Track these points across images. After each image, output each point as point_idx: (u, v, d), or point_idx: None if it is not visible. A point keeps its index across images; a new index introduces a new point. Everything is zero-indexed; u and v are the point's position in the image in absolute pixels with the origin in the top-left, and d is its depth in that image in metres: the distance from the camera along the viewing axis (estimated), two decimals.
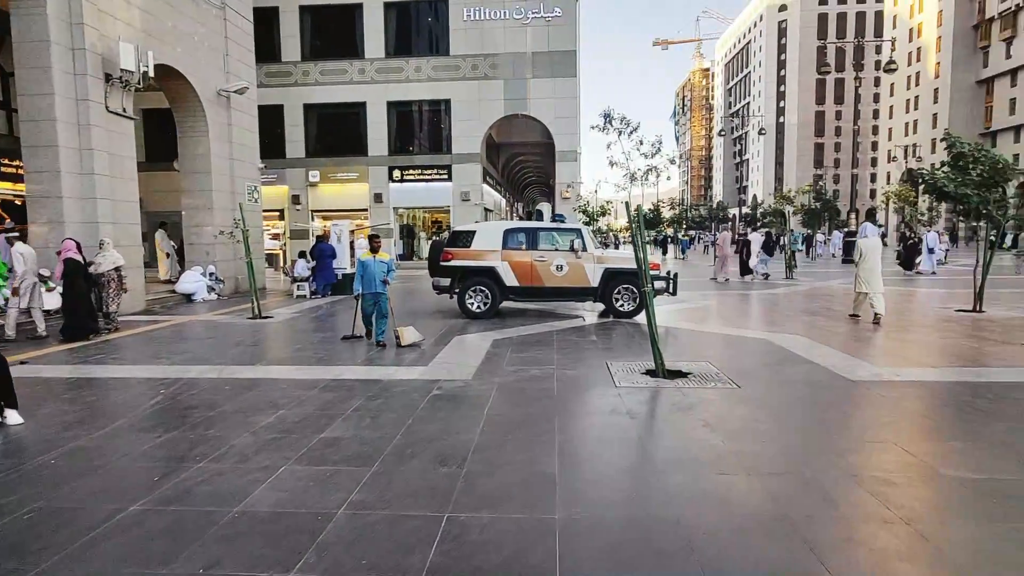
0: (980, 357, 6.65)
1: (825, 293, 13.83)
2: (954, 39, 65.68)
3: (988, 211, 9.44)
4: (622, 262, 10.19)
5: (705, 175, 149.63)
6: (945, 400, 5.00)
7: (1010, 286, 14.52)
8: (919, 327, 8.85)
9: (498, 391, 5.43)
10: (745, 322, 9.86)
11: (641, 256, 6.16)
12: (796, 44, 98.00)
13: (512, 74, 24.86)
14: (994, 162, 9.59)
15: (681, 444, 4.05)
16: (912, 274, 18.93)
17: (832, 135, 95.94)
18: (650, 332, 5.99)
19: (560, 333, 8.59)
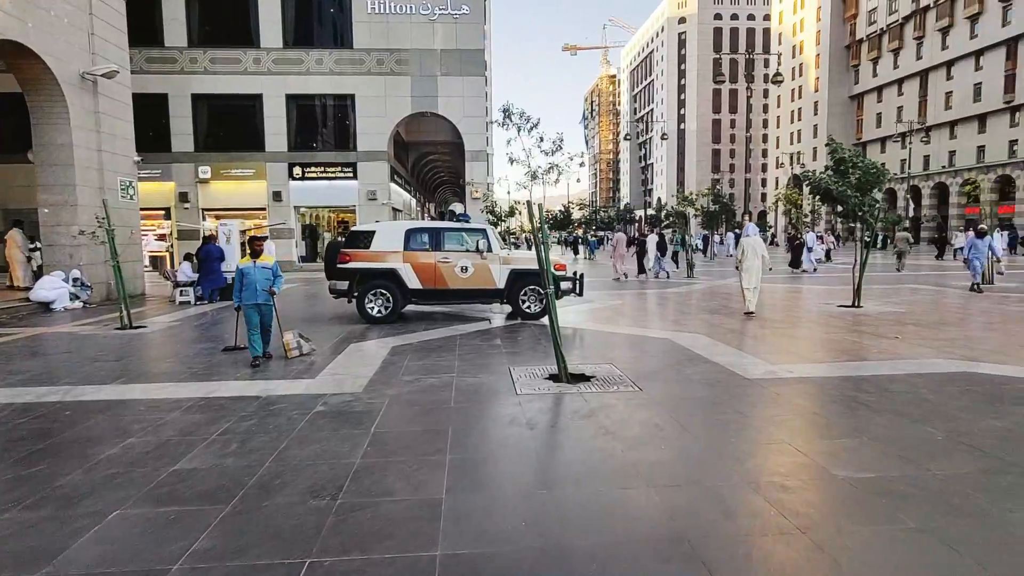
0: (860, 351, 7.00)
1: (723, 292, 14.40)
2: (830, 57, 71.93)
3: (863, 213, 10.11)
4: (529, 263, 9.97)
5: (613, 178, 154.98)
6: (832, 395, 5.12)
7: (889, 283, 15.80)
8: (807, 323, 9.29)
9: (390, 405, 4.99)
10: (649, 321, 9.97)
11: (543, 256, 5.94)
12: (695, 55, 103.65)
13: (420, 71, 24.24)
14: (869, 167, 10.28)
15: (581, 456, 3.82)
16: (799, 272, 20.28)
17: (728, 142, 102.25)
18: (552, 336, 5.78)
19: (464, 337, 8.24)
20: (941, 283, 15.69)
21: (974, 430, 4.15)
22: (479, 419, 4.60)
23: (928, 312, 10.26)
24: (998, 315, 9.82)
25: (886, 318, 9.51)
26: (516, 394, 5.26)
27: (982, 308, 10.70)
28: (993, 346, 7.17)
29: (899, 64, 63.36)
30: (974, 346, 7.16)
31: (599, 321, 9.83)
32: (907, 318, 9.49)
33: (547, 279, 5.93)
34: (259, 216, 24.30)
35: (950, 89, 57.57)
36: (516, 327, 9.15)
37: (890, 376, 5.68)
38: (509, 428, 4.37)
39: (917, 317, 9.62)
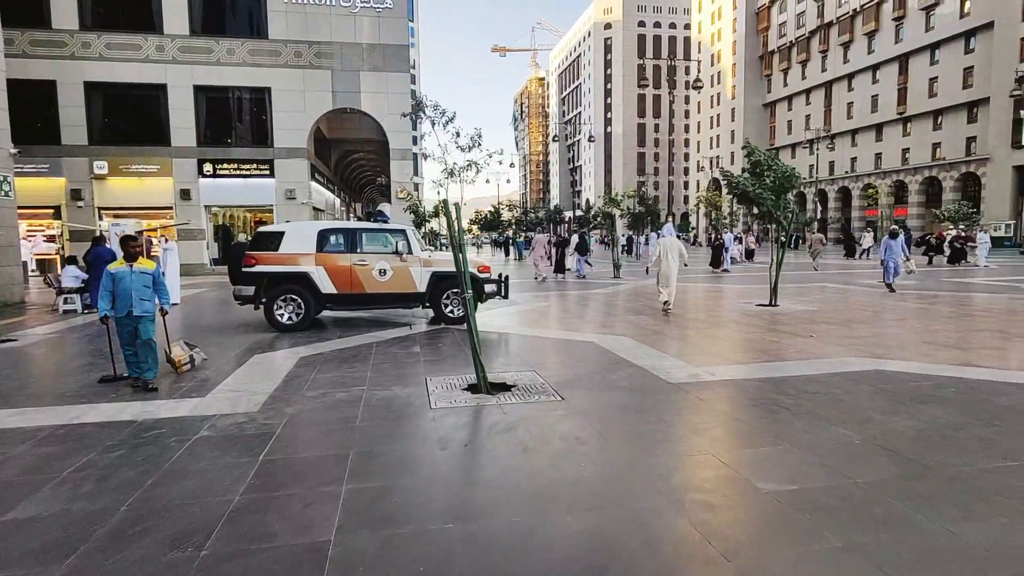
0: (778, 350, 7.07)
1: (649, 291, 14.55)
2: (745, 67, 75.68)
3: (778, 215, 10.40)
4: (451, 265, 9.55)
5: (543, 179, 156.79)
6: (754, 399, 5.05)
7: (804, 281, 16.48)
8: (728, 323, 9.41)
9: (288, 425, 4.47)
10: (574, 324, 9.80)
11: (461, 259, 5.57)
12: (620, 61, 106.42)
13: (341, 65, 23.29)
14: (783, 170, 10.58)
15: (496, 479, 3.48)
16: (719, 272, 20.94)
17: (652, 145, 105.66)
18: (471, 343, 5.42)
19: (381, 345, 7.74)
20: (850, 281, 16.56)
21: (888, 431, 4.14)
22: (386, 439, 4.17)
23: (839, 310, 10.68)
24: (901, 312, 10.33)
25: (801, 316, 9.79)
26: (431, 408, 4.87)
27: (887, 305, 11.26)
28: (898, 343, 7.44)
29: (806, 75, 67.48)
30: (881, 343, 7.40)
31: (524, 324, 9.58)
32: (820, 316, 9.81)
33: (465, 282, 5.57)
34: (166, 216, 22.57)
35: (851, 100, 61.87)
36: (438, 333, 8.73)
37: (807, 376, 5.71)
38: (419, 449, 3.97)
39: (829, 315, 9.97)
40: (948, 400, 4.87)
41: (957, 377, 5.60)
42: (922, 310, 10.53)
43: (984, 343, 7.35)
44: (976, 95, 49.25)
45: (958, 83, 50.89)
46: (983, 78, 48.11)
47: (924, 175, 53.65)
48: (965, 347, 7.08)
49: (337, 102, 23.50)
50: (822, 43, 64.52)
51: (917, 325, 8.85)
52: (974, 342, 7.40)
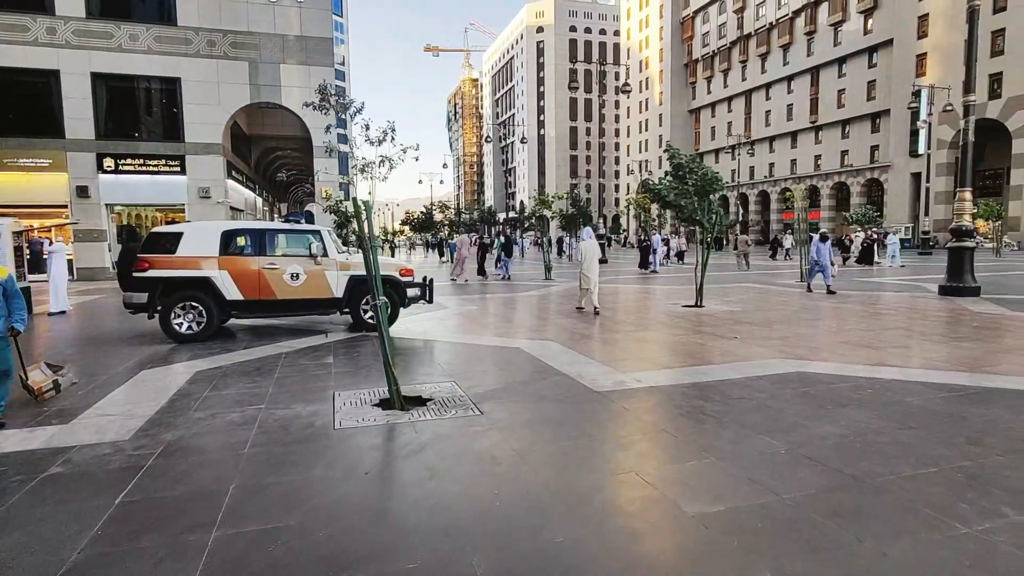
0: (704, 353, 7.01)
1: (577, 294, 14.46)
2: (671, 74, 78.31)
3: (701, 217, 10.49)
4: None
5: (478, 180, 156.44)
6: (680, 407, 4.87)
7: (730, 282, 16.90)
8: (655, 324, 9.36)
9: (162, 456, 3.87)
10: (501, 328, 9.48)
11: (371, 261, 5.11)
12: (552, 64, 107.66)
13: (259, 57, 22.04)
14: (705, 173, 10.69)
15: (397, 515, 3.06)
16: (647, 272, 21.27)
17: (584, 148, 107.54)
18: (383, 354, 4.97)
19: (291, 356, 7.12)
20: (771, 281, 17.13)
21: (812, 439, 4.03)
22: (277, 468, 3.67)
23: (760, 310, 10.89)
24: (817, 312, 10.65)
25: (725, 317, 9.89)
26: (334, 429, 4.38)
27: (804, 305, 11.61)
28: (816, 343, 7.56)
29: (728, 84, 70.56)
30: (801, 343, 7.50)
31: (449, 330, 9.17)
32: (743, 317, 9.94)
33: (376, 288, 5.11)
34: (61, 215, 20.60)
35: (769, 108, 65.16)
36: (356, 341, 8.17)
37: (732, 381, 5.61)
38: (313, 479, 3.49)
39: (751, 315, 10.12)
40: (866, 402, 4.86)
41: (872, 377, 5.65)
42: (836, 310, 10.90)
43: (893, 341, 7.58)
44: (878, 107, 52.99)
45: (863, 95, 54.59)
46: (884, 91, 51.82)
47: (834, 180, 57.22)
48: (877, 346, 7.26)
49: (255, 96, 22.23)
50: (742, 54, 67.66)
51: (832, 325, 9.10)
52: (884, 341, 7.63)
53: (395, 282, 8.91)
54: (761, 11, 64.73)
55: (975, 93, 12.65)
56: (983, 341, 7.52)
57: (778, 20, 62.35)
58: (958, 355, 6.67)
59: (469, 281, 18.18)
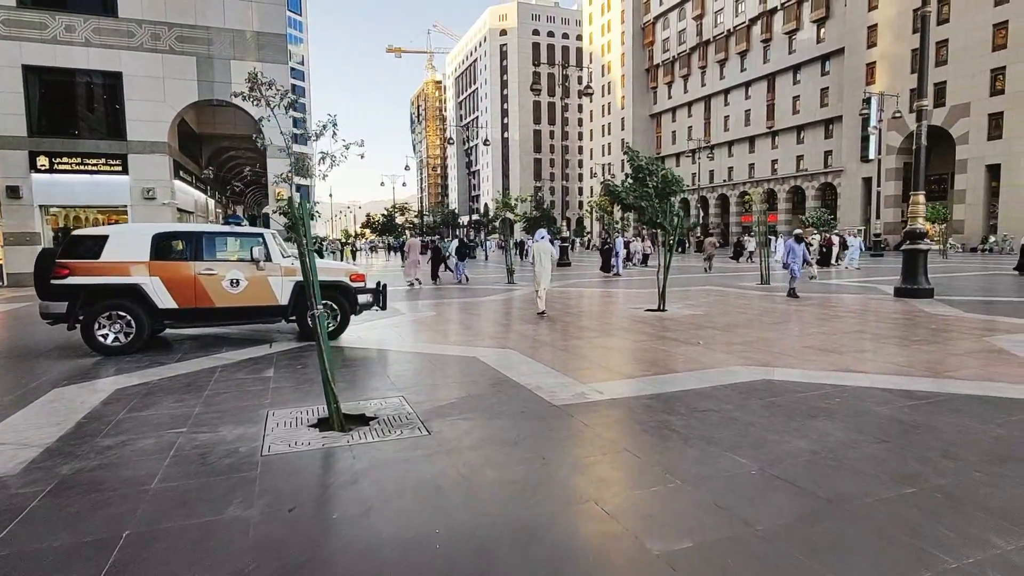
0: (667, 360, 6.75)
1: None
2: (633, 78, 79.19)
3: (662, 220, 10.30)
4: (321, 273, 8.51)
5: (442, 183, 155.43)
6: (643, 422, 4.57)
7: (694, 284, 16.84)
8: (617, 330, 9.09)
9: (52, 495, 3.34)
10: (458, 335, 9.06)
11: (309, 265, 4.66)
12: (516, 67, 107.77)
13: (208, 52, 21.07)
14: (665, 175, 10.51)
15: (320, 563, 2.63)
16: (610, 276, 21.14)
17: (548, 151, 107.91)
18: (321, 369, 4.51)
19: (227, 370, 6.56)
20: (734, 284, 17.16)
21: (783, 456, 3.76)
22: (185, 508, 3.18)
23: (723, 314, 10.76)
24: (779, 315, 10.58)
25: (688, 321, 9.70)
26: (262, 455, 3.91)
27: (766, 308, 11.55)
28: (782, 348, 7.39)
29: (688, 89, 71.72)
30: (765, 348, 7.32)
31: (403, 338, 8.71)
32: (706, 321, 9.77)
33: (313, 296, 4.66)
34: None
35: (728, 113, 66.47)
36: (302, 352, 7.64)
37: (697, 391, 5.35)
38: (224, 524, 3.02)
39: (714, 319, 9.97)
40: (835, 412, 4.65)
41: (839, 385, 5.47)
42: (797, 313, 10.86)
43: (855, 345, 7.49)
44: (831, 113, 54.60)
45: (817, 102, 56.19)
46: (837, 98, 53.42)
47: (790, 184, 58.69)
48: (840, 350, 7.14)
49: (204, 92, 21.22)
50: (701, 59, 68.89)
51: (795, 328, 9.00)
52: (847, 345, 7.52)
53: (345, 288, 8.41)
54: (719, 18, 66.04)
55: (928, 98, 12.85)
56: (941, 344, 7.48)
57: (736, 27, 63.70)
58: (920, 359, 6.57)
59: (420, 284, 17.89)
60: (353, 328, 9.10)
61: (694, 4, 68.81)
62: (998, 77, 41.06)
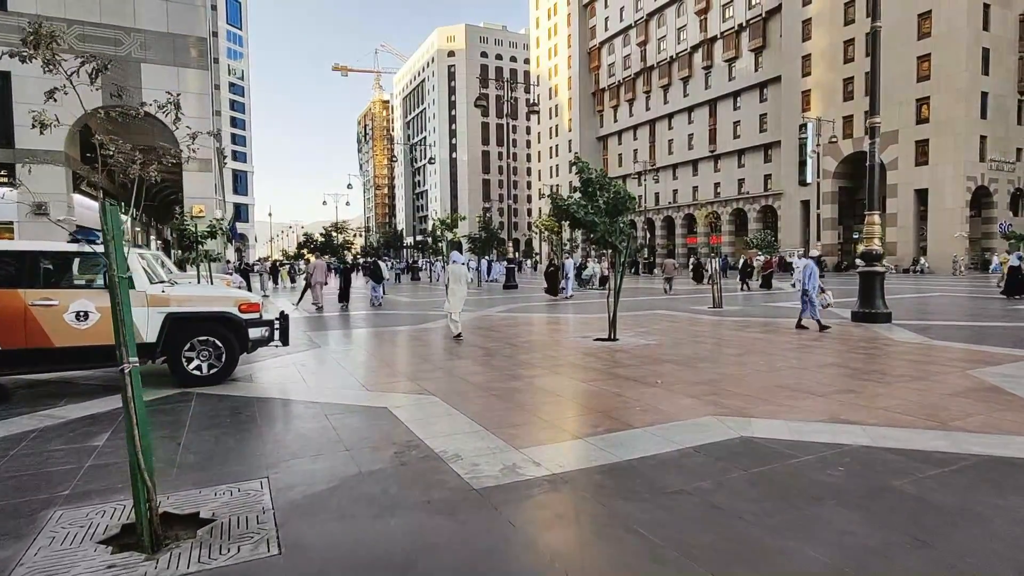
0: (621, 409, 5.54)
1: (485, 325, 12.84)
2: (580, 102, 79.97)
3: (613, 239, 9.22)
4: (200, 303, 6.94)
5: (389, 203, 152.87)
6: (594, 517, 3.30)
7: (646, 308, 15.85)
8: (561, 365, 7.87)
9: None
10: (373, 376, 7.61)
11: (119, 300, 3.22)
12: (464, 88, 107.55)
13: (115, 53, 19.03)
14: (617, 191, 9.47)
15: None
16: (558, 299, 20.06)
17: (496, 172, 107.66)
18: (130, 452, 3.04)
19: (44, 435, 4.90)
20: (686, 307, 16.33)
21: None
22: None
23: (679, 343, 9.72)
24: (738, 345, 9.63)
25: (643, 354, 8.59)
26: None
27: (724, 337, 10.61)
28: (752, 388, 6.31)
29: (633, 113, 72.84)
30: (734, 389, 6.23)
31: (303, 380, 7.18)
32: (663, 354, 8.68)
33: (124, 343, 3.21)
34: None
35: (672, 137, 67.69)
36: (170, 404, 6.02)
37: (662, 458, 4.13)
38: None
39: (671, 351, 8.90)
40: (844, 491, 3.51)
41: (836, 444, 4.37)
42: (757, 341, 9.95)
43: (833, 384, 6.50)
44: (769, 138, 56.20)
45: (756, 127, 57.80)
46: (775, 124, 55.06)
47: (733, 207, 59.89)
48: (819, 392, 6.12)
49: (109, 98, 19.08)
50: (645, 84, 70.17)
51: (759, 362, 7.99)
52: (823, 383, 6.53)
53: (232, 321, 6.86)
54: (662, 45, 67.53)
55: (878, 117, 12.44)
56: (926, 380, 6.59)
57: (678, 54, 65.21)
58: (913, 402, 5.60)
59: (323, 309, 17.02)
60: (247, 366, 7.54)
61: (638, 31, 70.26)
62: (923, 106, 43.03)
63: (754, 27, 56.68)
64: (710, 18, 61.29)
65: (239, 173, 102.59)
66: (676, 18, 65.61)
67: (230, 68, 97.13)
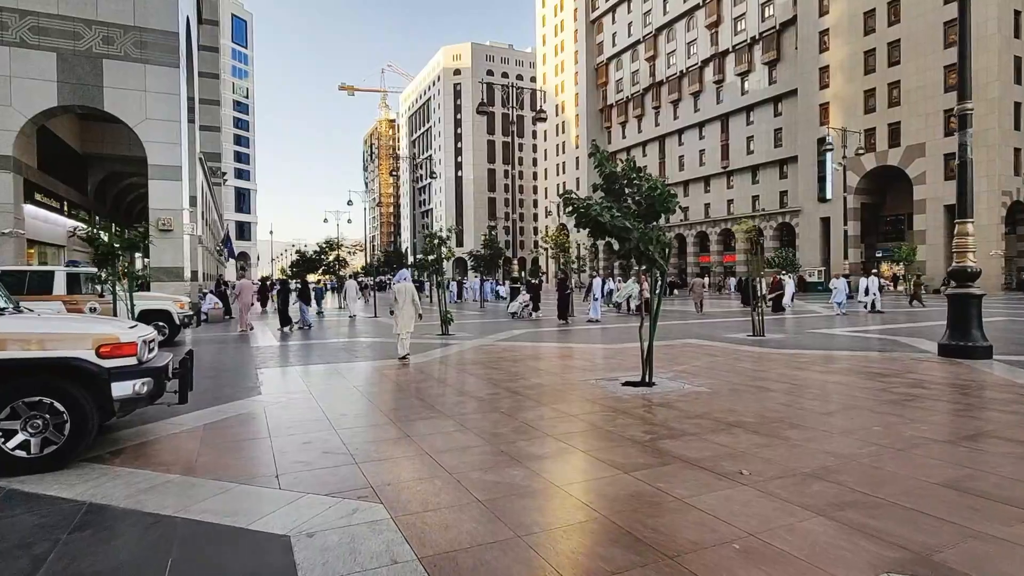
0: (706, 552, 3.12)
1: (475, 359, 10.46)
2: (587, 118, 78.29)
3: (650, 251, 6.83)
4: (24, 343, 4.54)
5: (394, 222, 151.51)
6: None
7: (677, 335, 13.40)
8: (578, 432, 5.45)
9: None
10: (302, 457, 5.18)
11: None
12: (470, 107, 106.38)
13: (73, 47, 17.07)
14: (652, 187, 7.13)
15: None
16: (566, 324, 17.63)
17: (503, 191, 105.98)
18: None
19: None
20: (722, 335, 13.88)
21: None
22: None
23: (740, 389, 7.28)
24: (823, 394, 7.18)
25: (694, 409, 6.17)
26: None
27: (794, 380, 8.16)
28: (910, 495, 3.87)
29: (642, 129, 70.95)
30: (882, 497, 3.80)
31: (190, 466, 4.73)
32: (722, 408, 6.25)
33: None
34: None
35: (682, 153, 65.62)
36: None
37: None
38: None
39: (734, 403, 6.46)
40: None
41: None
42: (840, 387, 7.49)
43: (997, 470, 4.06)
44: (785, 154, 54.01)
45: (770, 142, 55.65)
46: (791, 138, 52.90)
47: (747, 224, 57.46)
48: (1002, 495, 3.68)
49: (66, 96, 17.11)
50: (655, 100, 68.38)
51: (874, 427, 5.53)
52: (998, 474, 4.08)
53: (82, 371, 4.50)
54: (672, 60, 65.85)
55: (970, 100, 10.12)
56: None
57: (688, 69, 63.46)
58: None
59: (253, 329, 16.00)
60: (129, 432, 5.18)
61: (647, 46, 68.69)
62: (952, 118, 40.70)
63: (767, 40, 54.85)
64: (721, 32, 59.60)
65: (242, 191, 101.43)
66: (686, 32, 64.00)
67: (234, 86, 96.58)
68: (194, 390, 5.87)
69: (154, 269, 17.90)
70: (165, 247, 18.06)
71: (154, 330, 5.59)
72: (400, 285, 10.40)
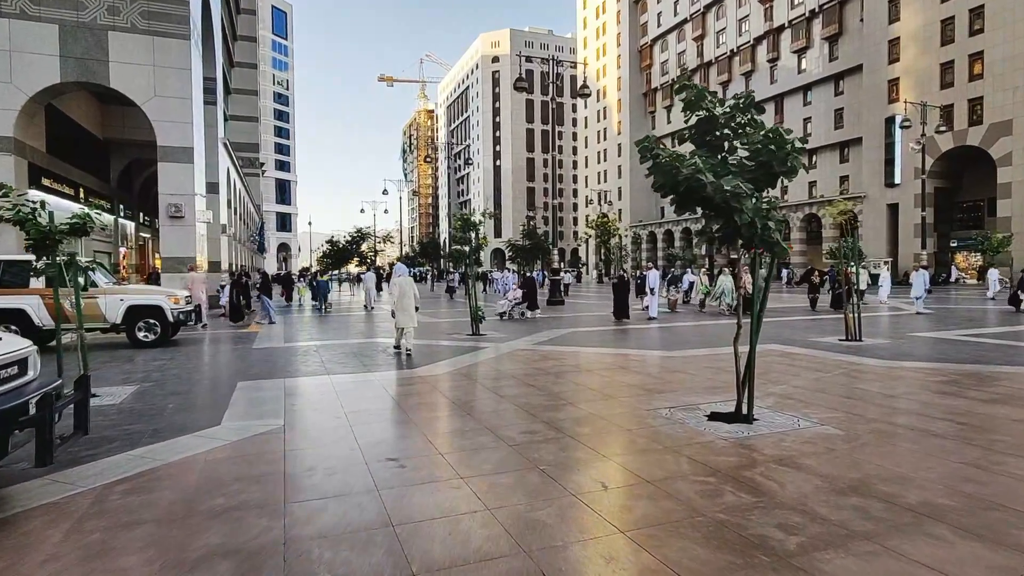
0: None
1: (507, 371, 8.46)
2: (630, 103, 75.03)
3: (769, 230, 4.63)
4: None
5: (433, 213, 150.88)
6: None
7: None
8: (654, 522, 3.38)
9: None
10: (268, 558, 3.30)
11: None
12: (508, 95, 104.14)
13: (76, 19, 15.74)
14: (770, 135, 4.91)
15: None
16: (622, 324, 15.39)
17: (542, 180, 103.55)
18: None
19: None
20: (809, 338, 11.50)
21: None
22: None
23: (884, 430, 5.06)
24: (988, 429, 4.91)
25: (839, 475, 4.01)
26: None
27: (940, 407, 5.88)
28: None
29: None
30: None
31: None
32: (871, 465, 4.08)
33: None
34: None
35: None
36: None
37: None
38: None
39: (885, 458, 4.27)
40: None
41: None
42: (1013, 425, 5.18)
43: None
44: (846, 136, 49.99)
45: (830, 124, 51.63)
46: (853, 119, 48.84)
47: (804, 212, 53.65)
48: None
49: (69, 73, 15.82)
50: (702, 82, 64.67)
51: None
52: None
53: None
54: (721, 38, 62.09)
55: None
56: None
57: (739, 47, 59.67)
58: None
59: (207, 326, 14.68)
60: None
61: (694, 25, 65.04)
62: None
63: (828, 12, 50.71)
64: (776, 6, 55.59)
65: (283, 182, 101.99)
66: (737, 8, 60.11)
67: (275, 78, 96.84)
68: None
69: (164, 259, 16.55)
70: (176, 235, 16.70)
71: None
72: (398, 280, 10.15)
